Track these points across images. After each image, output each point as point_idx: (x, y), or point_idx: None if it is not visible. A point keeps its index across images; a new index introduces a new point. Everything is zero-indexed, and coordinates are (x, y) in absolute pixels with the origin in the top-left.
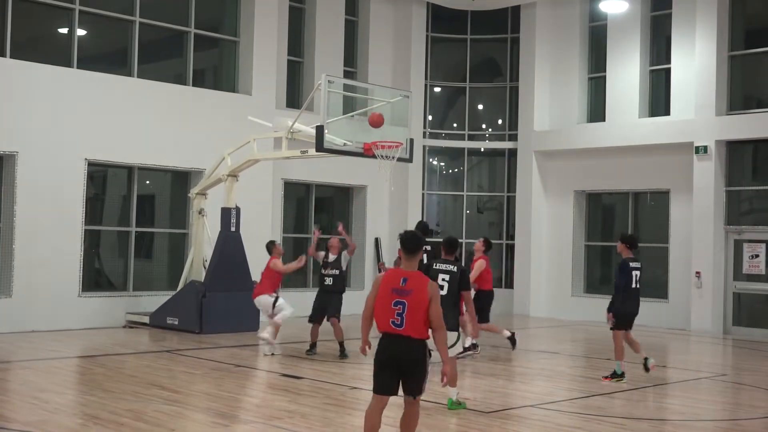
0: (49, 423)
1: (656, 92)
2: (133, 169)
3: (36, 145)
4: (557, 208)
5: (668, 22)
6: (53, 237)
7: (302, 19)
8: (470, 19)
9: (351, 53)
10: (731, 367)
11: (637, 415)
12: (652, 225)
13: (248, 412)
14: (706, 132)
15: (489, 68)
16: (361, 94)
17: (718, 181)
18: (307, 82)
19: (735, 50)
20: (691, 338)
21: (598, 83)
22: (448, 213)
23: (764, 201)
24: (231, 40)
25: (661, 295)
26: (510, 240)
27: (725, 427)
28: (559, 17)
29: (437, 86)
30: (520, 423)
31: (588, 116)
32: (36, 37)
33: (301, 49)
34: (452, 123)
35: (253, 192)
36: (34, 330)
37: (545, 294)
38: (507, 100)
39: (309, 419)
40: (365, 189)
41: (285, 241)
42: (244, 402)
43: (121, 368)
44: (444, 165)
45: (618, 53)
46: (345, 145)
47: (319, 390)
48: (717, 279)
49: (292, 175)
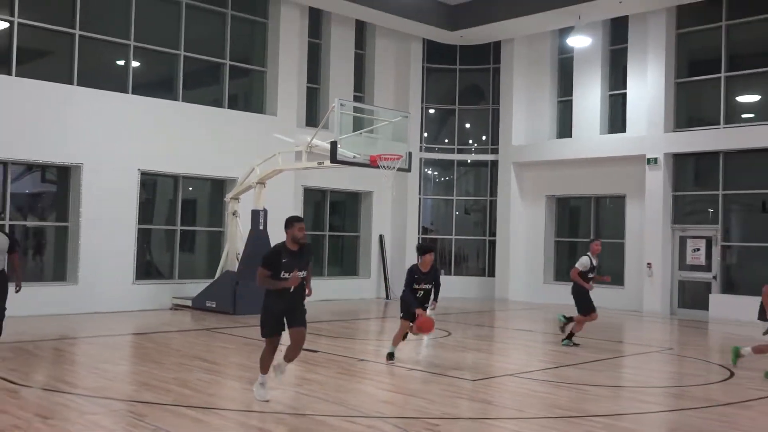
0: (108, 389)
1: (614, 113)
2: (178, 178)
3: (98, 158)
4: (531, 210)
5: (624, 54)
6: (112, 234)
7: (319, 52)
8: (459, 53)
9: (360, 81)
10: (677, 342)
11: (599, 382)
12: (611, 224)
13: (273, 380)
14: (656, 146)
15: (475, 93)
16: (368, 114)
17: (666, 187)
18: (323, 104)
19: (680, 78)
20: (643, 319)
21: (565, 105)
22: (441, 214)
23: (704, 204)
24: (260, 70)
25: (618, 282)
26: (492, 237)
27: (673, 393)
28: (533, 51)
29: (431, 108)
30: (501, 389)
31: (557, 133)
32: (98, 67)
33: (318, 77)
34: (444, 139)
35: (278, 197)
36: (96, 312)
37: (521, 281)
38: (490, 120)
39: (324, 385)
40: (371, 194)
41: None
42: (270, 371)
43: (168, 343)
44: (437, 174)
45: (582, 80)
46: (355, 157)
47: (332, 361)
48: (665, 269)
49: (310, 183)
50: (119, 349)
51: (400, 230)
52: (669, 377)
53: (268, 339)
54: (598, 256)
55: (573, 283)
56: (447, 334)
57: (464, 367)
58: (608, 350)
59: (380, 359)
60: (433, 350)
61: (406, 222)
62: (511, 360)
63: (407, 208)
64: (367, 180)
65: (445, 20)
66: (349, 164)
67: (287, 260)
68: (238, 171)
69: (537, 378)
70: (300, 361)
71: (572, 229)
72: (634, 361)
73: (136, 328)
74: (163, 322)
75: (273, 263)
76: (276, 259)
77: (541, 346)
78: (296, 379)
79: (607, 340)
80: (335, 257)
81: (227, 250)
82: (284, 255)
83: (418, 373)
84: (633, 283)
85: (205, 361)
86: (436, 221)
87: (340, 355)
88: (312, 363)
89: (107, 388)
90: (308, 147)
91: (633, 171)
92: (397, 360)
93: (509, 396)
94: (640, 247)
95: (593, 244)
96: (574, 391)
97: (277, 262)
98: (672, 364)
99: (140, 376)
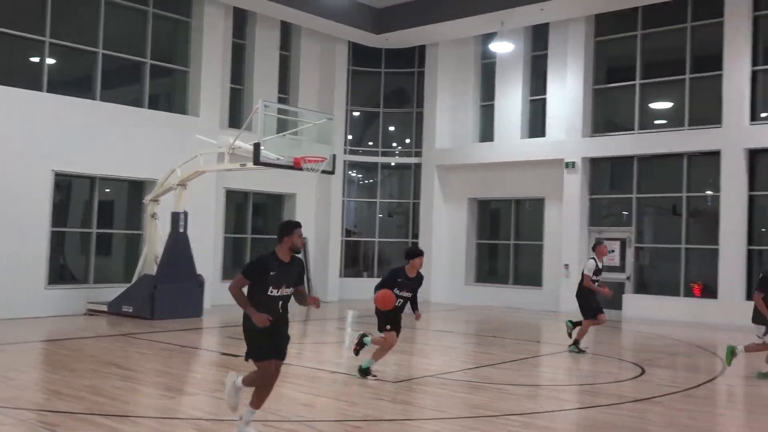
0: (17, 399)
1: (535, 118)
2: (95, 179)
3: (9, 158)
4: (454, 212)
5: (545, 61)
6: (23, 237)
7: (243, 53)
8: (384, 56)
9: (284, 82)
10: (591, 341)
11: (517, 382)
12: (530, 226)
13: (192, 385)
14: (574, 150)
15: (399, 96)
16: (292, 116)
17: (583, 190)
18: (246, 106)
19: (598, 84)
20: (560, 318)
21: (488, 110)
22: (364, 217)
23: (619, 207)
24: (182, 70)
25: (536, 283)
26: (415, 239)
27: (587, 390)
28: (457, 56)
29: (356, 111)
30: (422, 391)
31: (480, 137)
32: (11, 64)
33: (242, 78)
34: (368, 141)
35: (199, 199)
36: (6, 318)
37: (444, 283)
38: (414, 123)
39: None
40: (295, 196)
41: (225, 241)
42: (189, 377)
43: (82, 350)
44: (361, 176)
45: (504, 85)
46: (278, 159)
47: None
48: (581, 270)
49: (232, 185)
50: (30, 357)
51: (323, 233)
52: (584, 375)
53: (261, 363)
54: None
55: (578, 286)
56: (368, 337)
57: (386, 369)
58: (526, 350)
59: (302, 362)
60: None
61: (330, 224)
62: (432, 361)
63: (331, 211)
64: (291, 182)
65: (371, 23)
66: (272, 166)
67: (276, 274)
68: (158, 172)
69: (457, 379)
70: (220, 366)
71: (493, 231)
72: (551, 360)
73: (49, 334)
74: (77, 327)
75: (259, 274)
76: (263, 271)
77: (462, 347)
78: (215, 384)
79: (525, 340)
80: None
81: (146, 253)
82: (273, 267)
83: (340, 376)
84: (551, 284)
85: (121, 367)
86: (360, 224)
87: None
88: (233, 368)
89: (16, 398)
90: (231, 148)
91: (552, 174)
92: (318, 363)
93: (430, 397)
94: (557, 249)
95: (602, 247)
96: (493, 391)
97: (263, 274)
98: (587, 362)
99: (52, 385)
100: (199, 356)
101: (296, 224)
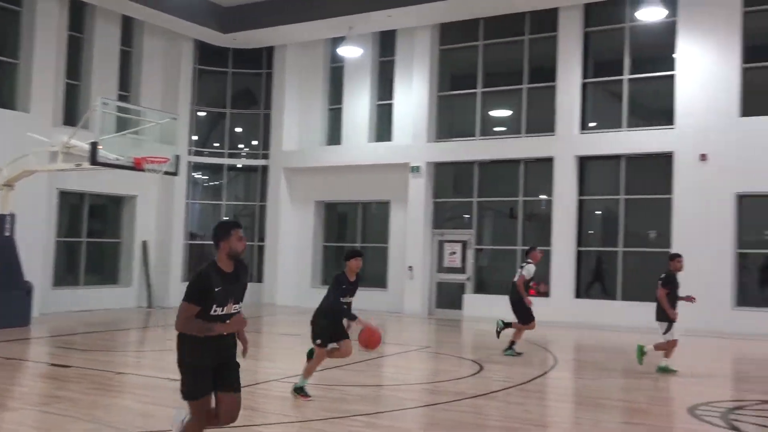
0: None
1: (382, 122)
2: None
3: None
4: (301, 215)
5: (392, 67)
6: None
7: (81, 47)
8: (232, 56)
9: (126, 79)
10: (434, 341)
11: (361, 382)
12: (376, 229)
13: (16, 399)
14: (419, 155)
15: (247, 97)
16: (133, 115)
17: (427, 194)
18: (84, 102)
19: (442, 91)
20: (404, 319)
21: (336, 113)
22: (209, 220)
23: (461, 210)
24: (11, 62)
25: (381, 284)
26: (261, 242)
27: (428, 389)
28: (306, 58)
29: (202, 111)
30: (266, 395)
31: (327, 140)
32: None
33: (80, 74)
34: (214, 142)
35: (28, 200)
36: None
37: (289, 286)
38: (261, 125)
39: (76, 403)
40: (135, 198)
41: (57, 245)
42: (13, 391)
43: None
44: (206, 178)
45: (352, 89)
46: (117, 159)
47: (85, 377)
48: (425, 271)
49: (67, 186)
50: None
51: (165, 235)
52: (425, 374)
53: (194, 402)
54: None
55: (513, 291)
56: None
57: None
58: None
59: (140, 371)
60: None
61: (172, 227)
62: (277, 365)
63: (173, 213)
64: (132, 183)
65: (218, 22)
66: (111, 166)
67: (221, 289)
68: None
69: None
70: (48, 378)
71: (340, 234)
72: (394, 360)
73: None
74: None
75: (204, 293)
76: (207, 288)
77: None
78: (43, 398)
79: None
80: (93, 265)
81: None
82: (216, 281)
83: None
84: (395, 285)
85: None
86: (204, 226)
87: (95, 369)
88: (62, 380)
89: None
90: (65, 147)
91: (397, 178)
92: (158, 371)
93: (274, 401)
94: (402, 251)
95: (536, 253)
96: (338, 392)
97: (208, 291)
98: (428, 361)
99: None
100: (25, 368)
101: (233, 224)
